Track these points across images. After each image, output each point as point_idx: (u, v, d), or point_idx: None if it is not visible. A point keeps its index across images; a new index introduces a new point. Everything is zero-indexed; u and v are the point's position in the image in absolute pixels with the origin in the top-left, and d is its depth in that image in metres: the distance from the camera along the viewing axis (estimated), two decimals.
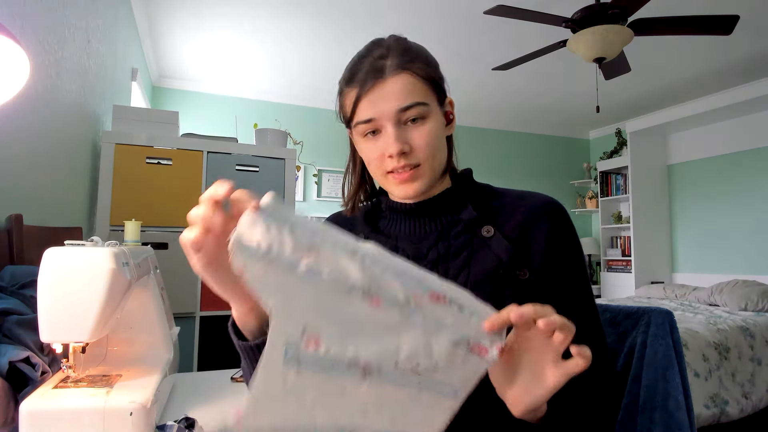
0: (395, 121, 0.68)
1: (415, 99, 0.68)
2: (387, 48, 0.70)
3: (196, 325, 1.97)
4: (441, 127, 0.72)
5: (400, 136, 0.68)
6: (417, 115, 0.68)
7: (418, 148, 0.69)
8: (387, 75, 0.68)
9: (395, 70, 0.68)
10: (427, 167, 0.70)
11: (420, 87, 0.69)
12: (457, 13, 3.01)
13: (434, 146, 0.70)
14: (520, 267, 0.68)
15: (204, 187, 2.05)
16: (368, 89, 0.68)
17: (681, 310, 3.41)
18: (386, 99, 0.68)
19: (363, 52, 0.73)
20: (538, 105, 4.86)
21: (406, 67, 0.68)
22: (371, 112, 0.68)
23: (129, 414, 0.63)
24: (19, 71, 0.70)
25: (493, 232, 0.71)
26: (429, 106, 0.69)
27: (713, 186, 4.58)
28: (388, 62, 0.68)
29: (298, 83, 4.31)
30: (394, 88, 0.68)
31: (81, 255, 0.65)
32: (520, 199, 0.75)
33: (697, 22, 2.39)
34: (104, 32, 2.14)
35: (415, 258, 0.73)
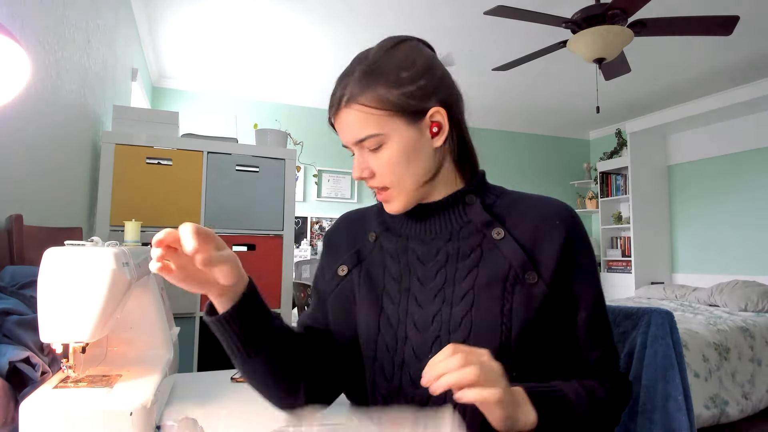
0: (358, 148, 0.72)
1: (365, 132, 0.69)
2: (349, 76, 0.71)
3: (196, 325, 1.97)
4: (409, 148, 0.70)
5: (361, 162, 0.72)
6: (372, 145, 0.70)
7: (378, 175, 0.71)
8: (341, 109, 0.71)
9: (345, 105, 0.70)
10: (395, 190, 0.72)
11: (371, 118, 0.68)
12: (457, 14, 3.01)
13: (396, 170, 0.70)
14: (529, 271, 0.68)
15: (204, 187, 2.05)
16: (332, 118, 0.74)
17: (681, 311, 3.41)
18: (343, 132, 0.72)
19: (341, 75, 0.74)
20: (538, 105, 4.86)
21: (356, 99, 0.69)
22: (341, 139, 0.74)
23: (129, 414, 0.63)
24: (20, 71, 0.70)
25: (504, 235, 0.71)
26: (383, 134, 0.69)
27: (713, 186, 4.58)
28: (345, 93, 0.70)
29: (298, 83, 4.31)
30: (347, 123, 0.71)
31: (81, 255, 0.65)
32: (533, 204, 0.74)
33: (697, 22, 2.39)
34: (104, 32, 2.14)
35: (425, 258, 0.74)
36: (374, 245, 0.79)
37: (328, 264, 0.82)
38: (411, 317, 0.70)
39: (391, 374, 0.70)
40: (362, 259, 0.78)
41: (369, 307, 0.74)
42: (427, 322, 0.69)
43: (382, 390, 0.70)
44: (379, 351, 0.71)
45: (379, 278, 0.75)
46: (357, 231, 0.83)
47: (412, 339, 0.69)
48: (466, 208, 0.75)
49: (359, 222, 0.85)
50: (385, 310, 0.72)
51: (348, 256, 0.80)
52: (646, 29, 2.48)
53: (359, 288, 0.76)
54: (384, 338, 0.71)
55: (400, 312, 0.71)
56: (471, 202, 0.75)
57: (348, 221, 0.86)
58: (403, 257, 0.75)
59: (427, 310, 0.70)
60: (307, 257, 4.34)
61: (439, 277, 0.71)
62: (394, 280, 0.74)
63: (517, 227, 0.72)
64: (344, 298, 0.77)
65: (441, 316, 0.69)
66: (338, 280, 0.78)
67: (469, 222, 0.74)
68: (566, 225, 0.71)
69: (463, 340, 0.66)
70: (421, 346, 0.69)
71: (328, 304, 0.79)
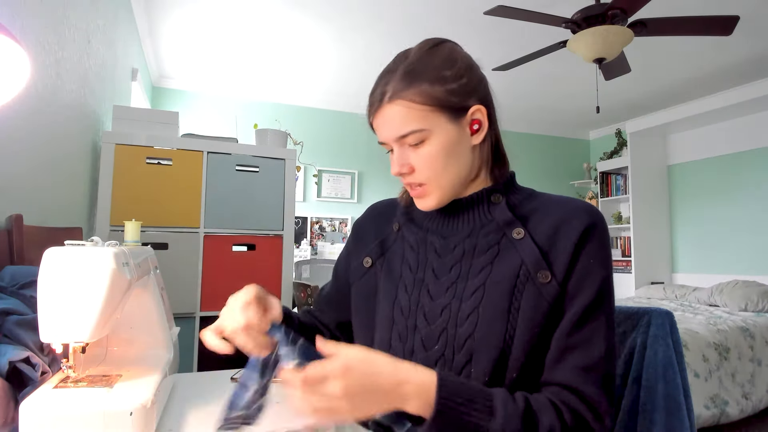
0: (399, 144, 0.72)
1: (409, 128, 0.70)
2: (392, 73, 0.72)
3: (196, 325, 1.97)
4: (449, 145, 0.71)
5: (401, 157, 0.72)
6: (415, 141, 0.71)
7: (418, 170, 0.72)
8: (384, 104, 0.71)
9: (389, 101, 0.71)
10: (432, 186, 0.73)
11: (415, 114, 0.69)
12: (458, 14, 3.01)
13: (435, 167, 0.71)
14: (542, 270, 0.67)
15: (204, 187, 2.05)
16: (373, 114, 0.74)
17: (681, 311, 3.41)
18: (384, 127, 0.72)
19: (381, 73, 0.75)
20: (538, 105, 4.86)
21: (401, 95, 0.70)
22: (380, 136, 0.74)
23: (129, 414, 0.63)
24: (20, 71, 0.70)
25: (524, 235, 0.71)
26: (427, 130, 0.70)
27: (713, 186, 4.58)
28: (388, 90, 0.71)
29: (298, 83, 4.31)
30: (390, 118, 0.71)
31: (81, 255, 0.65)
32: (556, 204, 0.73)
33: (697, 22, 2.39)
34: (104, 32, 2.14)
35: (441, 251, 0.75)
36: (397, 235, 0.82)
37: (355, 251, 0.87)
38: (422, 308, 0.72)
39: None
40: (385, 250, 0.82)
41: (386, 295, 0.77)
42: (436, 314, 0.71)
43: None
44: (393, 339, 0.73)
45: (397, 268, 0.78)
46: (383, 221, 0.86)
47: (421, 330, 0.71)
48: (490, 206, 0.76)
49: (386, 212, 0.88)
50: (399, 299, 0.75)
51: (373, 246, 0.83)
52: (646, 29, 2.48)
53: (382, 281, 0.79)
54: (397, 327, 0.73)
55: (412, 302, 0.74)
56: (497, 201, 0.76)
57: (376, 211, 0.90)
58: (421, 249, 0.77)
59: (437, 303, 0.71)
60: (307, 257, 4.34)
61: (453, 272, 0.72)
62: (410, 270, 0.76)
63: (537, 228, 0.71)
64: (367, 289, 0.80)
65: (450, 310, 0.70)
66: (363, 271, 0.82)
67: (491, 220, 0.75)
68: (583, 224, 0.68)
69: (468, 335, 0.67)
70: (429, 337, 0.70)
71: (352, 292, 0.83)
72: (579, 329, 0.65)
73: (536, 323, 0.65)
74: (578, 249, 0.67)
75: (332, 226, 4.64)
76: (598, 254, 0.68)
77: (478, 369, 0.65)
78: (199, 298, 1.99)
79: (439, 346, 0.69)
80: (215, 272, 2.03)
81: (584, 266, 0.67)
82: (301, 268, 3.91)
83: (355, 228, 0.91)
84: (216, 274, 2.03)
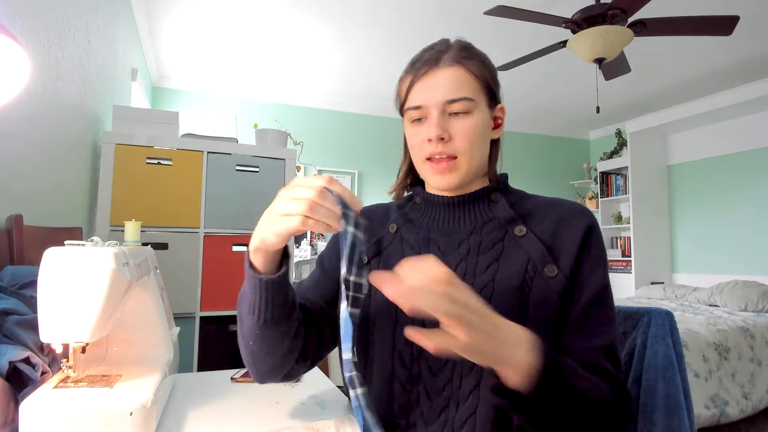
0: (441, 110, 0.72)
1: (463, 93, 0.71)
2: (448, 45, 0.75)
3: (196, 325, 1.97)
4: (485, 126, 0.74)
5: (442, 123, 0.72)
6: (462, 109, 0.71)
7: (457, 139, 0.72)
8: (441, 65, 0.72)
9: (450, 62, 0.72)
10: (463, 161, 0.73)
11: (470, 83, 0.72)
12: (457, 14, 3.01)
13: (473, 141, 0.72)
14: (549, 264, 0.69)
15: (204, 187, 2.05)
16: (421, 75, 0.73)
17: (681, 311, 3.41)
18: (436, 88, 0.72)
19: (428, 46, 0.76)
20: (538, 105, 4.86)
21: (461, 61, 0.72)
22: (420, 99, 0.73)
23: (129, 414, 0.63)
24: (20, 71, 0.70)
25: (526, 232, 0.73)
26: (475, 102, 0.72)
27: (713, 186, 4.58)
28: (446, 55, 0.73)
29: (298, 83, 4.31)
30: (446, 78, 0.72)
31: (81, 255, 0.65)
32: (553, 205, 0.77)
33: (697, 22, 2.39)
34: (104, 32, 2.14)
35: (446, 250, 0.75)
36: (394, 236, 0.81)
37: None
38: None
39: (410, 362, 0.70)
40: (382, 250, 0.80)
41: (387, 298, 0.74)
42: None
43: (401, 378, 0.71)
44: (397, 341, 0.72)
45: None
46: (376, 223, 0.84)
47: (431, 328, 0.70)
48: (490, 204, 0.77)
49: (379, 214, 0.86)
50: None
51: (368, 245, 0.81)
52: (646, 29, 2.48)
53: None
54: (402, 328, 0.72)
55: None
56: (496, 200, 0.77)
57: (368, 212, 0.88)
58: (424, 248, 0.77)
59: None
60: (307, 257, 4.33)
61: (459, 270, 0.72)
62: None
63: (538, 226, 0.73)
64: None
65: None
66: None
67: (492, 218, 0.76)
68: (587, 220, 0.73)
69: None
70: None
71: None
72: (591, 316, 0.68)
73: (546, 316, 0.67)
74: (584, 244, 0.70)
75: None
76: (600, 250, 0.72)
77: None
78: (199, 298, 1.99)
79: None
80: (215, 272, 2.03)
81: (590, 260, 0.70)
82: (301, 268, 3.91)
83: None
84: (216, 274, 2.03)
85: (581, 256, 0.70)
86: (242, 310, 0.68)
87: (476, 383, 0.67)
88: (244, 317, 0.68)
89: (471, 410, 0.67)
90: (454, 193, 0.77)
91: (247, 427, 0.75)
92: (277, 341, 0.69)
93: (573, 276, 0.69)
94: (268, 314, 0.65)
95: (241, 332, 0.70)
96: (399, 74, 0.80)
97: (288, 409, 0.83)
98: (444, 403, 0.68)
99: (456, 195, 0.77)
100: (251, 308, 0.66)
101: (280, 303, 0.66)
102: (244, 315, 0.68)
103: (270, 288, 0.64)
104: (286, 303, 0.67)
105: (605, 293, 0.70)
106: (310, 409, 0.83)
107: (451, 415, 0.67)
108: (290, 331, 0.69)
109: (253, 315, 0.66)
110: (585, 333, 0.68)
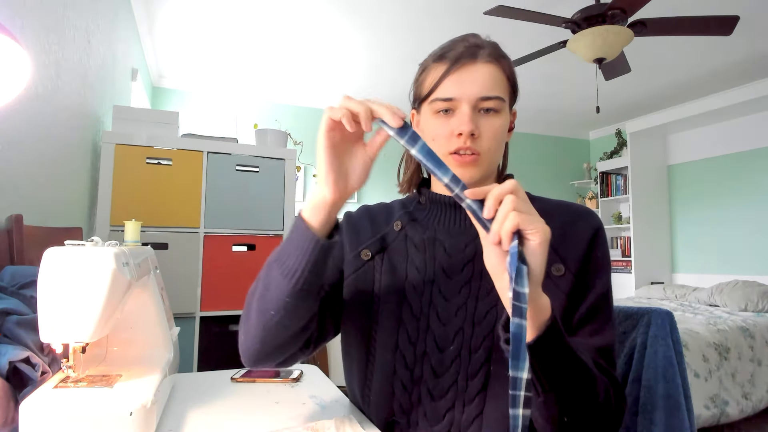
0: (473, 105, 0.71)
1: (497, 92, 0.72)
2: (481, 40, 0.75)
3: (196, 325, 1.97)
4: (506, 127, 0.75)
5: (474, 119, 0.71)
6: (493, 107, 0.72)
7: (484, 137, 0.72)
8: (479, 60, 0.71)
9: (488, 59, 0.72)
10: (486, 158, 0.73)
11: (503, 82, 0.73)
12: (457, 14, 3.01)
13: (498, 140, 0.73)
14: (556, 264, 0.69)
15: (204, 187, 2.05)
16: (459, 66, 0.71)
17: (681, 311, 3.41)
18: (474, 82, 0.71)
19: (458, 38, 0.76)
20: (538, 105, 4.86)
21: (498, 59, 0.73)
22: (454, 92, 0.71)
23: (129, 414, 0.63)
24: (20, 71, 0.70)
25: None
26: (505, 103, 0.73)
27: (713, 186, 4.58)
28: (483, 50, 0.72)
29: (298, 83, 4.31)
30: (483, 74, 0.71)
31: (81, 255, 0.65)
32: (559, 207, 0.77)
33: (697, 22, 2.39)
34: (104, 32, 2.14)
35: (452, 251, 0.75)
36: (399, 234, 0.80)
37: (350, 243, 0.81)
38: (434, 309, 0.71)
39: (412, 363, 0.70)
40: (386, 247, 0.79)
41: (391, 297, 0.74)
42: (451, 315, 0.70)
43: (403, 378, 0.70)
44: (400, 341, 0.71)
45: (401, 268, 0.76)
46: (380, 220, 0.83)
47: (435, 330, 0.70)
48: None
49: (383, 212, 0.85)
50: (408, 300, 0.73)
51: (372, 241, 0.80)
52: (646, 29, 2.48)
53: (381, 276, 0.76)
54: (406, 329, 0.72)
55: (424, 303, 0.72)
56: None
57: (371, 210, 0.87)
58: (429, 248, 0.76)
59: (451, 303, 0.71)
60: None
61: (467, 271, 0.72)
62: (417, 271, 0.75)
63: None
64: (364, 282, 0.77)
65: (466, 309, 0.70)
66: (360, 263, 0.79)
67: None
68: (594, 223, 0.74)
69: (487, 334, 0.67)
70: (443, 337, 0.69)
71: (345, 283, 0.79)
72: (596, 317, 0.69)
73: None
74: (591, 246, 0.71)
75: None
76: (605, 254, 0.73)
77: (497, 367, 0.66)
78: (199, 298, 1.99)
79: (454, 347, 0.68)
80: (215, 272, 2.03)
81: (596, 263, 0.71)
82: None
83: (349, 220, 0.85)
84: (216, 274, 2.03)
85: (588, 258, 0.71)
86: (274, 275, 0.63)
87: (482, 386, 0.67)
88: (274, 283, 0.63)
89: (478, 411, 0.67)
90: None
91: (247, 427, 0.75)
92: (300, 314, 0.65)
93: (579, 276, 0.70)
94: (308, 280, 0.61)
95: (263, 300, 0.65)
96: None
97: (288, 409, 0.83)
98: (449, 405, 0.68)
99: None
100: (291, 272, 0.61)
101: (321, 272, 0.63)
102: (277, 280, 0.63)
103: (321, 252, 0.61)
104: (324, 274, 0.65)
105: (608, 297, 0.71)
106: (310, 409, 0.83)
107: (458, 416, 0.67)
108: (314, 307, 0.67)
109: (291, 279, 0.61)
110: (585, 332, 0.69)
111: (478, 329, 0.68)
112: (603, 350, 0.68)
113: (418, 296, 0.73)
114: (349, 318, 0.78)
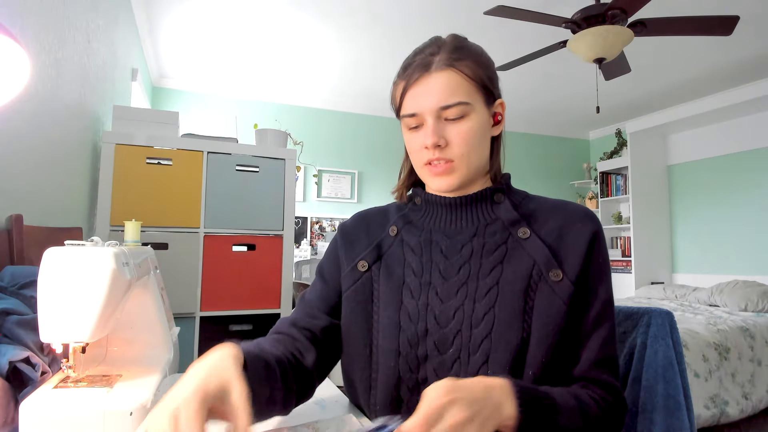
0: (436, 116, 0.70)
1: (457, 98, 0.70)
2: (440, 45, 0.73)
3: (196, 325, 1.97)
4: (483, 127, 0.73)
5: (438, 130, 0.70)
6: (457, 114, 0.70)
7: (453, 145, 0.71)
8: (433, 70, 0.70)
9: (442, 67, 0.70)
10: (461, 164, 0.72)
11: (464, 86, 0.70)
12: (457, 14, 3.01)
13: (470, 144, 0.71)
14: (554, 269, 0.68)
15: (204, 187, 2.05)
16: (413, 82, 0.71)
17: (681, 311, 3.41)
18: (429, 94, 0.70)
19: (419, 48, 0.75)
20: (538, 105, 4.86)
21: (453, 64, 0.70)
22: (414, 107, 0.71)
23: (129, 414, 0.63)
24: (20, 71, 0.70)
25: (530, 234, 0.72)
26: (471, 105, 0.71)
27: (713, 186, 4.58)
28: (437, 58, 0.71)
29: (298, 83, 4.31)
30: (439, 84, 0.70)
31: (81, 255, 0.65)
32: (557, 207, 0.75)
33: (697, 22, 2.39)
34: (104, 32, 2.14)
35: (448, 252, 0.74)
36: (394, 239, 0.80)
37: (346, 257, 0.81)
38: (432, 311, 0.71)
39: (416, 366, 0.70)
40: (382, 254, 0.79)
41: (389, 301, 0.74)
42: (448, 317, 0.70)
43: (408, 382, 0.70)
44: (401, 345, 0.71)
45: (398, 272, 0.76)
46: (376, 226, 0.83)
47: (433, 334, 0.70)
48: (493, 206, 0.76)
49: (378, 217, 0.85)
50: (405, 304, 0.73)
51: (368, 251, 0.80)
52: (646, 29, 2.48)
53: (379, 285, 0.76)
54: (405, 333, 0.71)
55: (420, 306, 0.72)
56: (499, 201, 0.76)
57: (366, 216, 0.86)
58: (426, 251, 0.75)
59: (448, 305, 0.70)
60: (307, 257, 4.33)
61: (463, 272, 0.72)
62: (414, 274, 0.74)
63: (542, 228, 0.73)
64: (363, 293, 0.77)
65: (463, 311, 0.69)
66: (358, 275, 0.78)
67: (496, 219, 0.75)
68: (592, 225, 0.72)
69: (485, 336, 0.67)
70: (442, 340, 0.69)
71: (344, 297, 0.78)
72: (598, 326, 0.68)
73: (552, 321, 0.66)
74: (590, 250, 0.70)
75: (332, 226, 4.64)
76: (604, 259, 0.72)
77: (495, 369, 0.66)
78: (199, 298, 1.99)
79: (453, 349, 0.68)
80: (215, 272, 2.03)
81: (596, 269, 0.70)
82: (301, 268, 3.91)
83: (343, 232, 0.85)
84: (216, 274, 2.03)
85: (587, 264, 0.69)
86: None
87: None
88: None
89: None
90: (455, 193, 0.76)
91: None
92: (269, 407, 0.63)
93: (579, 283, 0.68)
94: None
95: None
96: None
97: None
98: None
99: (458, 196, 0.76)
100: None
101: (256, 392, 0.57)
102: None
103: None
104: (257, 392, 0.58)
105: (609, 305, 0.70)
106: (310, 409, 0.83)
107: None
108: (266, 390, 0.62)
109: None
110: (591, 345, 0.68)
111: (476, 331, 0.67)
112: (606, 360, 0.68)
113: (415, 300, 0.72)
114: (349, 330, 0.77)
